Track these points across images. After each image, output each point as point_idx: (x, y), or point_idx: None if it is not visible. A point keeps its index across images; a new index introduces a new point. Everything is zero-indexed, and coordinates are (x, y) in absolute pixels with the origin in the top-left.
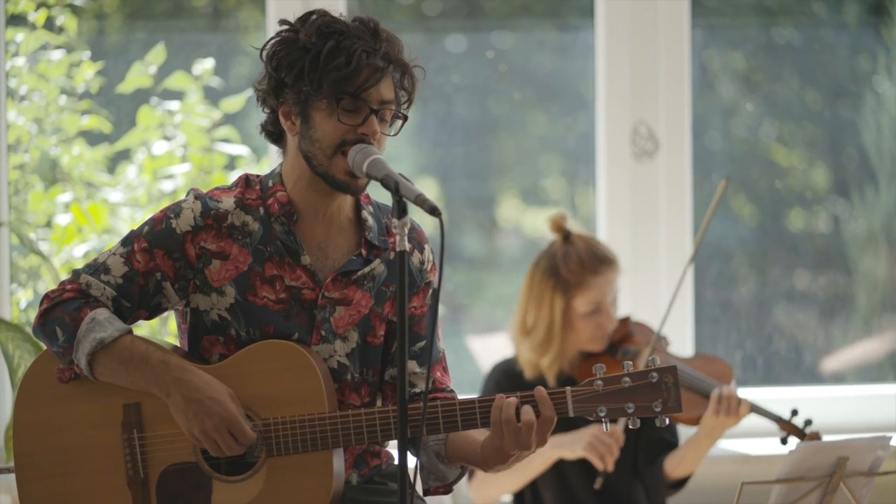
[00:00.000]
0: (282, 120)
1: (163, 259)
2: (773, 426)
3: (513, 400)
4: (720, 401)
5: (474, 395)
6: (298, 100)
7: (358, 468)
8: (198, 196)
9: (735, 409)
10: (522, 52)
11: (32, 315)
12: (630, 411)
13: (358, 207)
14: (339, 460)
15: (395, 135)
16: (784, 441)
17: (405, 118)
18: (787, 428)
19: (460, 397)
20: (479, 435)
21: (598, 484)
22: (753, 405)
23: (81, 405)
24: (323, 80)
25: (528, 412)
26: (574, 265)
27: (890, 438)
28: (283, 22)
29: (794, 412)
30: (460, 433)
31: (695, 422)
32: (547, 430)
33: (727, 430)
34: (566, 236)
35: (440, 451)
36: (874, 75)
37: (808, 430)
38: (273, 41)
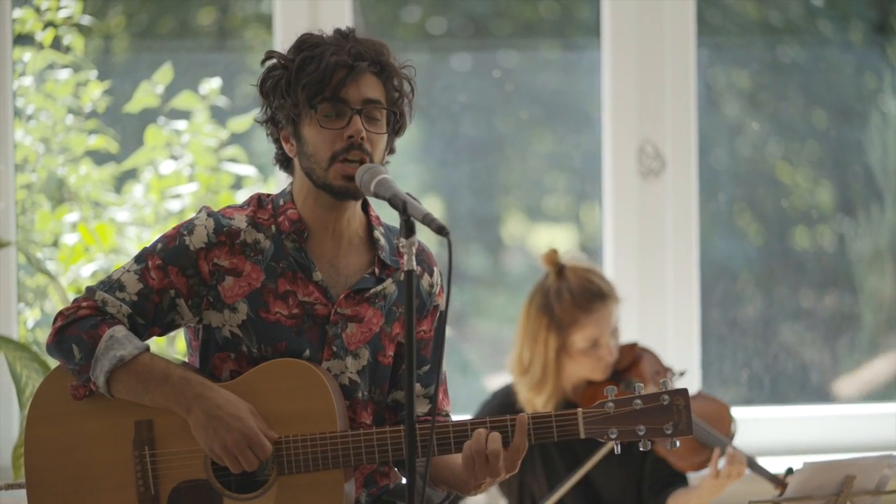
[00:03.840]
0: (283, 145)
1: (177, 276)
2: (779, 444)
3: (481, 431)
4: (721, 464)
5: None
6: (288, 119)
7: (367, 488)
8: (210, 213)
9: (736, 470)
10: (527, 71)
11: (40, 334)
12: (641, 433)
13: (370, 228)
14: (349, 479)
15: (396, 135)
16: (790, 471)
17: (395, 114)
18: (782, 488)
19: (463, 418)
20: (458, 460)
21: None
22: (751, 461)
23: (93, 422)
24: (298, 90)
25: (494, 440)
26: (566, 304)
27: None
28: (268, 52)
29: (790, 471)
30: (442, 458)
31: (694, 468)
32: (517, 458)
33: (728, 486)
34: (560, 271)
35: (422, 474)
36: (879, 94)
37: None
38: (263, 71)
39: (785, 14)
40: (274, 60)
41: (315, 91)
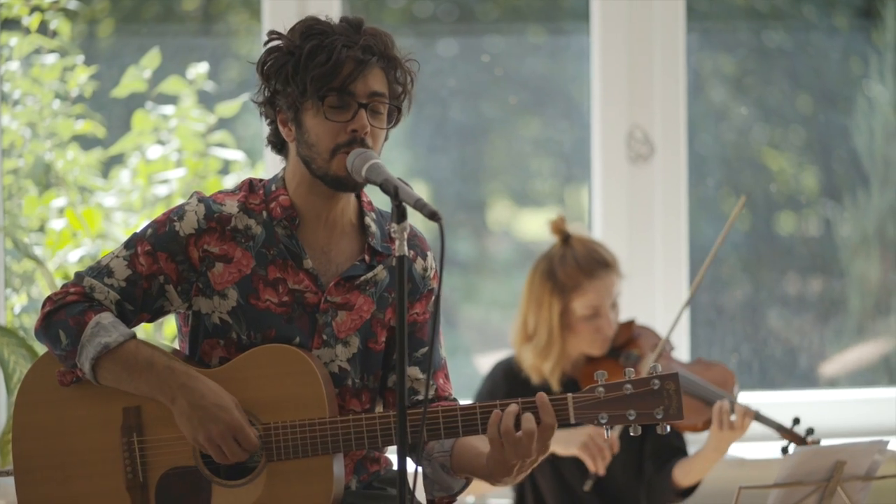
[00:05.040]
0: (280, 128)
1: (166, 262)
2: (771, 431)
3: (513, 408)
4: (723, 414)
5: (470, 400)
6: (290, 105)
7: (358, 474)
8: (201, 199)
9: (740, 422)
10: (513, 56)
11: (27, 320)
12: (631, 418)
13: (361, 214)
14: (339, 465)
15: (392, 126)
16: (785, 450)
17: (399, 110)
18: (789, 437)
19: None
20: (484, 448)
21: (587, 486)
22: (757, 414)
23: (81, 408)
24: (306, 79)
25: (528, 420)
26: (570, 268)
27: (887, 442)
28: (271, 33)
29: (797, 420)
30: (465, 446)
31: (698, 428)
32: (548, 437)
33: (734, 441)
34: (565, 238)
35: (445, 463)
36: (864, 79)
37: (809, 439)
38: (264, 52)
39: None
40: (278, 42)
41: (324, 82)
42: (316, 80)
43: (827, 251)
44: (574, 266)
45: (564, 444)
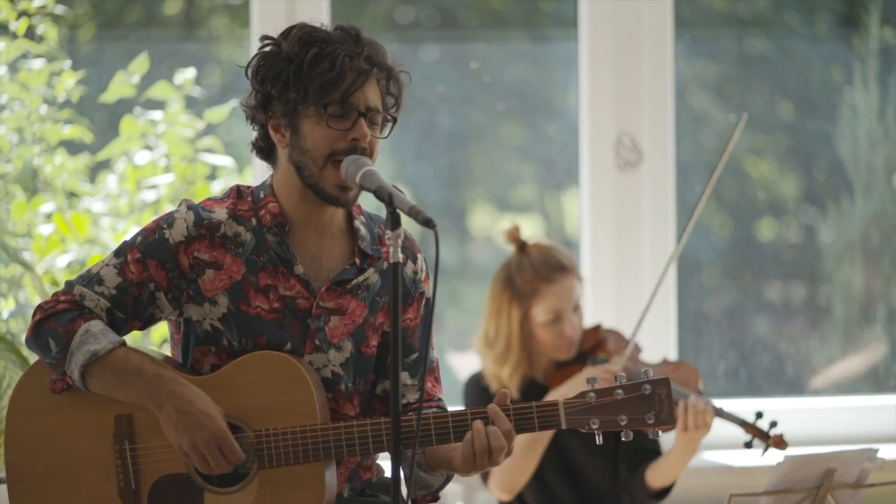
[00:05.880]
0: (272, 133)
1: (156, 269)
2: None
3: (480, 428)
4: (686, 416)
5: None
6: (286, 111)
7: (351, 482)
8: (190, 206)
9: (702, 420)
10: (496, 62)
11: (14, 325)
12: (623, 423)
13: (350, 217)
14: (331, 472)
15: (385, 137)
16: (749, 445)
17: (394, 120)
18: (752, 431)
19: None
20: (456, 446)
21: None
22: (718, 410)
23: (73, 416)
24: (308, 87)
25: (496, 438)
26: (528, 274)
27: (877, 451)
28: (264, 38)
29: (759, 415)
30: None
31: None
32: (510, 442)
33: (700, 440)
34: (522, 246)
35: (420, 461)
36: (846, 86)
37: (772, 433)
38: (256, 57)
39: (752, 6)
40: (271, 48)
41: (326, 91)
42: (318, 90)
43: (810, 258)
44: (531, 272)
45: (569, 392)
